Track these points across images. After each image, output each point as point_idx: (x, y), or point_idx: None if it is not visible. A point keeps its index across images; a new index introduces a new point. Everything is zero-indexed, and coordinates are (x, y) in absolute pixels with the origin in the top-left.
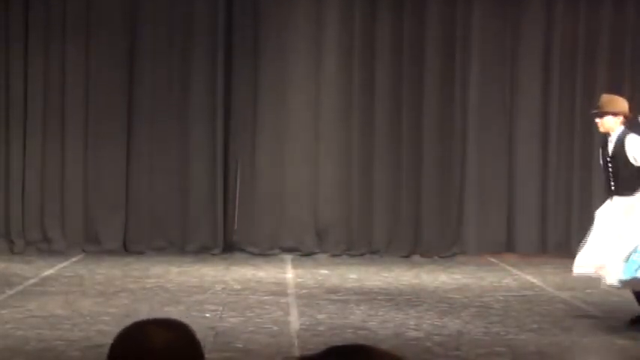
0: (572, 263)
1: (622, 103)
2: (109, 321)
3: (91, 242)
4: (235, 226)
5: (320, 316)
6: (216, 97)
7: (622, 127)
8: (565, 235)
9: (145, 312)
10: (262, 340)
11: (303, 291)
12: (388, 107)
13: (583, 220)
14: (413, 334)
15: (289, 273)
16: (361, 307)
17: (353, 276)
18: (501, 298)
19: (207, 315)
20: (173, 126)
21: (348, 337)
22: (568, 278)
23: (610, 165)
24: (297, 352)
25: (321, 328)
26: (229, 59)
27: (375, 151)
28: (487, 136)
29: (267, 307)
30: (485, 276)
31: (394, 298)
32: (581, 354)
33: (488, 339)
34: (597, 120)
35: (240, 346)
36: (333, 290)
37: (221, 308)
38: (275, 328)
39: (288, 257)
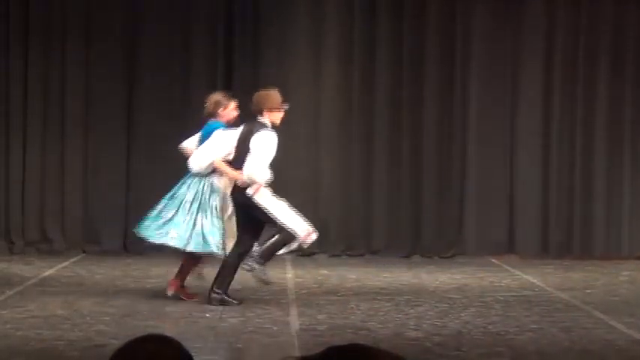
0: (573, 264)
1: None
2: (108, 321)
3: (91, 242)
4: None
5: (320, 316)
6: None
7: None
8: (566, 236)
9: (145, 312)
10: (262, 340)
11: (303, 291)
12: (388, 108)
13: (584, 220)
14: (413, 334)
15: (289, 273)
16: (361, 307)
17: (353, 276)
18: (501, 298)
19: (207, 315)
20: (173, 126)
21: (348, 337)
22: (568, 278)
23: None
24: (297, 352)
25: (321, 328)
26: (229, 60)
27: (375, 151)
28: (488, 136)
29: (267, 307)
30: (486, 276)
31: (394, 298)
32: (581, 354)
33: (488, 339)
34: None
35: (240, 346)
36: (333, 290)
37: (221, 308)
38: (275, 328)
39: (288, 257)
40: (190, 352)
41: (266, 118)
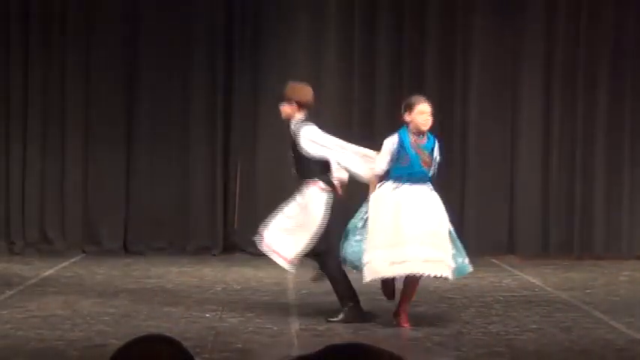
0: (573, 264)
1: (302, 92)
2: (109, 321)
3: (91, 243)
4: (235, 227)
5: (320, 316)
6: (217, 97)
7: (301, 117)
8: (566, 236)
9: (145, 312)
10: (262, 340)
11: (303, 291)
12: (388, 108)
13: (584, 220)
14: (413, 334)
15: (289, 273)
16: None
17: (353, 276)
18: (501, 298)
19: (207, 315)
20: (173, 126)
21: (348, 338)
22: (568, 278)
23: (292, 152)
24: (297, 352)
25: (321, 328)
26: (230, 59)
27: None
28: (488, 135)
29: (267, 307)
30: (486, 276)
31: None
32: (581, 354)
33: (488, 339)
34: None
35: (240, 346)
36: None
37: (221, 308)
38: (275, 328)
39: None
40: (190, 352)
41: None
